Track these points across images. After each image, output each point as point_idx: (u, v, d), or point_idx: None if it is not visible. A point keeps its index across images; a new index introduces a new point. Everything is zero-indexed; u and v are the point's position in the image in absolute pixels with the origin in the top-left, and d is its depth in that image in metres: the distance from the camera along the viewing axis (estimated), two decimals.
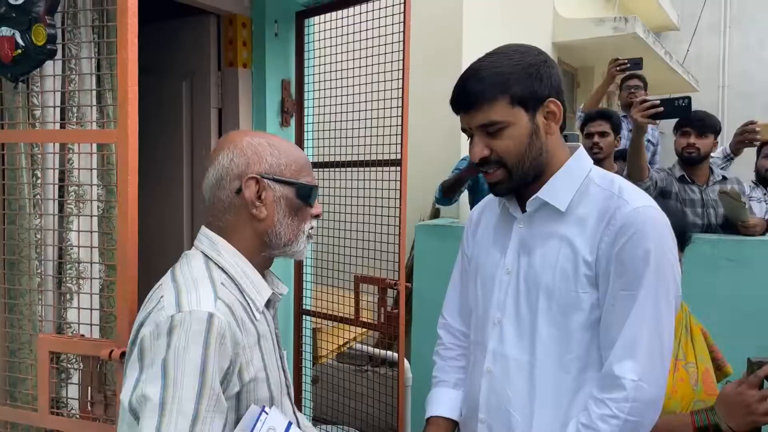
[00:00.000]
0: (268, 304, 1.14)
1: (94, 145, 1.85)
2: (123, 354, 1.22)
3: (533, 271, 1.19)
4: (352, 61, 2.36)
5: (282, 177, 1.10)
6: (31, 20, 1.28)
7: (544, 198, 1.19)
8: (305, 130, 2.56)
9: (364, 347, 3.02)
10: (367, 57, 2.34)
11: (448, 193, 3.03)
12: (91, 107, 1.81)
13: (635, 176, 2.78)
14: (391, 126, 2.26)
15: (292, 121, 2.62)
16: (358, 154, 2.39)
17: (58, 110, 1.74)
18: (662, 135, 4.38)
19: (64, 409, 1.49)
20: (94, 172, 1.80)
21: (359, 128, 2.38)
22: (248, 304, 1.07)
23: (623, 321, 1.11)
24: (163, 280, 1.06)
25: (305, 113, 2.56)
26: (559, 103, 1.16)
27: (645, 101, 2.45)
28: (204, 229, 1.12)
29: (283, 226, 1.11)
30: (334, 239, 2.48)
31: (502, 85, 1.12)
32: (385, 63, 2.27)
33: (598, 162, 3.13)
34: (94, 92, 1.85)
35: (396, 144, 2.23)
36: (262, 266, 1.15)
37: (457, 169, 3.10)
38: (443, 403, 1.38)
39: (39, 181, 1.74)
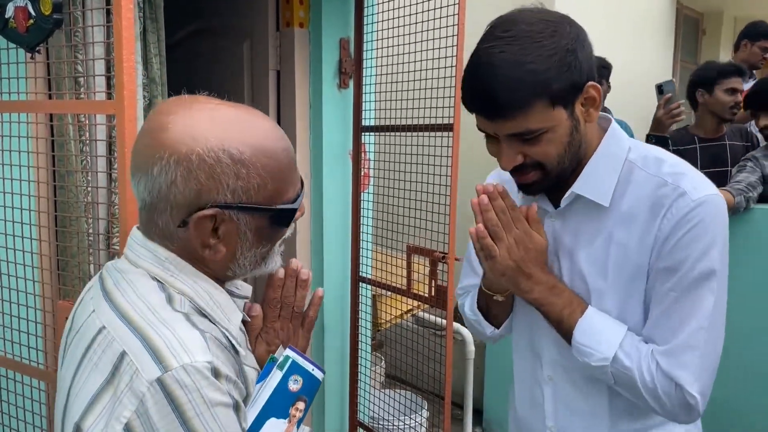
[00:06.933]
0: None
1: (141, 112, 1.88)
2: None
3: (580, 275, 1.05)
4: (412, 15, 2.20)
5: (252, 204, 0.78)
6: None
7: (581, 192, 1.03)
8: (364, 92, 2.45)
9: (427, 315, 2.95)
10: (426, 11, 2.17)
11: None
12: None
13: None
14: (446, 87, 2.10)
15: (351, 83, 2.52)
16: (419, 118, 2.25)
17: (98, 79, 1.77)
18: None
19: None
20: None
21: (421, 89, 2.23)
22: (224, 335, 0.81)
23: (675, 326, 0.96)
24: (105, 317, 0.76)
25: (364, 74, 2.45)
26: (597, 85, 0.96)
27: None
28: (141, 237, 0.82)
29: (247, 258, 0.82)
30: (393, 207, 2.39)
31: (538, 88, 0.89)
32: (447, 17, 2.09)
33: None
34: (140, 59, 1.87)
35: (449, 107, 2.07)
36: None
37: None
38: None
39: (87, 149, 1.80)
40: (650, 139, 2.64)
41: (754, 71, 3.61)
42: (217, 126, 0.77)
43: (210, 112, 0.78)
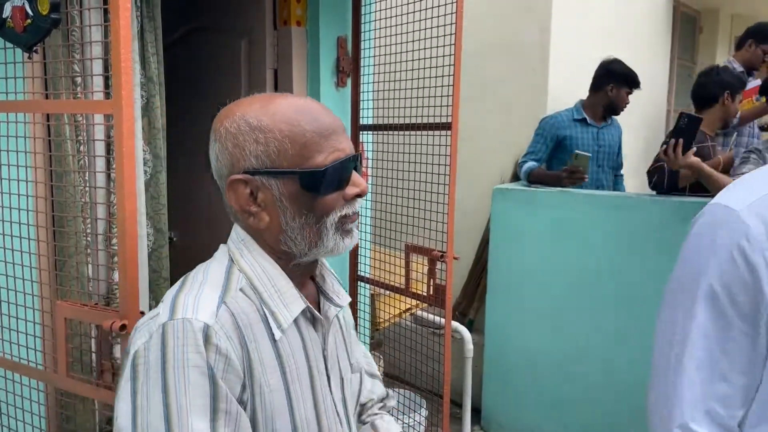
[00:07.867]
0: (315, 319, 0.92)
1: (138, 112, 1.88)
2: (123, 326, 1.22)
3: None
4: (409, 14, 2.20)
5: (276, 168, 0.84)
6: None
7: None
8: (362, 90, 2.45)
9: (426, 314, 2.95)
10: (424, 10, 2.17)
11: (536, 184, 2.92)
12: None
13: None
14: (443, 86, 2.09)
15: (349, 82, 2.52)
16: (417, 117, 2.25)
17: (95, 78, 1.76)
18: None
19: (86, 375, 1.55)
20: (140, 138, 1.84)
21: (418, 88, 2.23)
22: (267, 319, 0.85)
23: None
24: (178, 284, 0.89)
25: (362, 72, 2.44)
26: None
27: None
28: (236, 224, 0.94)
29: (295, 230, 0.86)
30: (391, 206, 2.39)
31: None
32: (444, 15, 2.09)
33: None
34: (137, 58, 1.87)
35: (447, 106, 2.07)
36: (304, 273, 0.94)
37: (525, 162, 3.00)
38: None
39: (84, 148, 1.79)
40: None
41: (754, 71, 3.62)
42: (245, 103, 0.88)
43: (252, 97, 0.89)
